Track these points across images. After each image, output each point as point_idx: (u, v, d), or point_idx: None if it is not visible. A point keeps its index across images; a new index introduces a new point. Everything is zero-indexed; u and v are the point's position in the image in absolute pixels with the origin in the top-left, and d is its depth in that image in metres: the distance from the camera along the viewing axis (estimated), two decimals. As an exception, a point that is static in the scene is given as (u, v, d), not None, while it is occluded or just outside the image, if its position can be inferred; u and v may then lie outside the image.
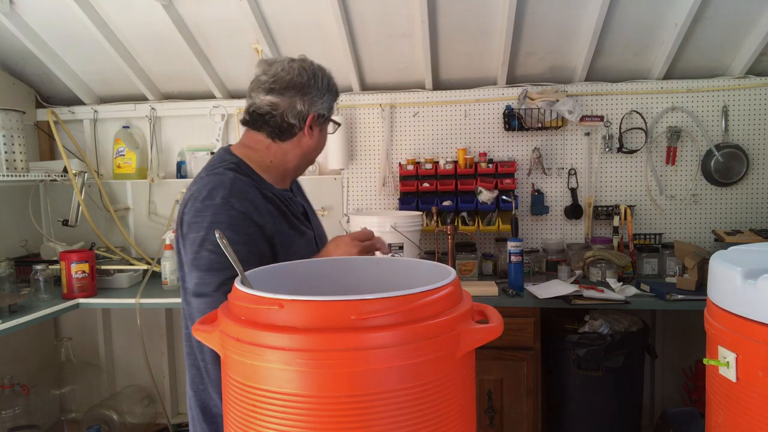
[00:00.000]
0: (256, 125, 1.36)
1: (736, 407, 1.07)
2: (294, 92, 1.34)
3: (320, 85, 1.38)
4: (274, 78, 1.33)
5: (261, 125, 1.36)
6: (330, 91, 1.41)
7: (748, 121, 2.84)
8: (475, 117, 3.01)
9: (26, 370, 3.02)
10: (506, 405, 2.43)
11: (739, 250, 1.27)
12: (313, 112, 1.36)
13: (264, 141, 1.37)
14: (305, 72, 1.37)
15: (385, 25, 2.67)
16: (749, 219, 2.87)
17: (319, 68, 1.41)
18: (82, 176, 2.97)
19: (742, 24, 2.58)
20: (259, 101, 1.34)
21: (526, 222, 3.02)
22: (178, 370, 3.35)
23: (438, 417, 0.79)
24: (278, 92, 1.33)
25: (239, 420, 0.80)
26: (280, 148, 1.37)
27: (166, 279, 2.65)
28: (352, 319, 0.75)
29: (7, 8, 2.59)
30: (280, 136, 1.36)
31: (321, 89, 1.38)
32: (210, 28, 2.74)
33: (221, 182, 1.25)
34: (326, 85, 1.40)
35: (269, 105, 1.34)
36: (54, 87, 3.23)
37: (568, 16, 2.58)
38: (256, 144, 1.38)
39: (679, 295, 2.29)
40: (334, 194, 3.11)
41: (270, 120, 1.34)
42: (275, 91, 1.33)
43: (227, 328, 0.82)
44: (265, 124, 1.35)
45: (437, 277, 0.88)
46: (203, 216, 1.21)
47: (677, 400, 2.90)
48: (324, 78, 1.40)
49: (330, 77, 1.43)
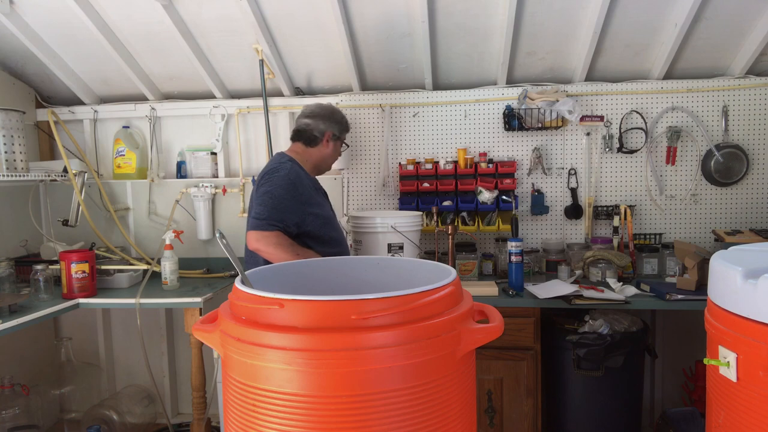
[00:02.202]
0: (298, 138, 2.30)
1: (736, 407, 1.07)
2: (319, 118, 2.29)
3: (336, 117, 2.33)
4: (311, 110, 2.32)
5: (299, 137, 2.30)
6: (341, 123, 2.33)
7: (748, 121, 2.84)
8: (475, 117, 3.01)
9: (26, 370, 3.02)
10: (506, 405, 2.43)
11: (739, 250, 1.27)
12: (329, 131, 2.29)
13: (301, 147, 2.30)
14: (328, 108, 2.33)
15: (385, 25, 2.67)
16: (749, 219, 2.87)
17: (338, 110, 2.36)
18: (82, 176, 2.97)
19: (742, 24, 2.58)
20: (299, 123, 2.31)
21: (526, 222, 3.02)
22: (178, 370, 3.35)
23: (438, 417, 0.79)
24: (310, 116, 2.29)
25: (239, 419, 0.80)
26: (309, 151, 2.29)
27: (166, 279, 2.65)
28: (353, 319, 0.75)
29: (7, 8, 2.59)
30: (309, 143, 2.29)
31: (336, 119, 2.32)
32: (210, 28, 2.74)
33: (284, 166, 2.14)
34: (340, 118, 2.34)
35: (305, 124, 2.29)
36: (54, 87, 3.23)
37: (568, 16, 2.58)
38: (297, 149, 2.29)
39: (679, 295, 2.29)
40: (334, 194, 3.10)
41: (304, 133, 2.29)
42: (309, 116, 2.30)
43: (228, 327, 0.82)
44: (301, 137, 2.29)
45: (437, 277, 0.88)
46: (272, 179, 2.08)
47: (677, 400, 2.90)
48: (339, 114, 2.34)
49: (343, 116, 2.36)
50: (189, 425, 2.82)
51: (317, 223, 2.14)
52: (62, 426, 3.04)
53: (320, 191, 2.28)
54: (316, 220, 2.13)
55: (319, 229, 2.14)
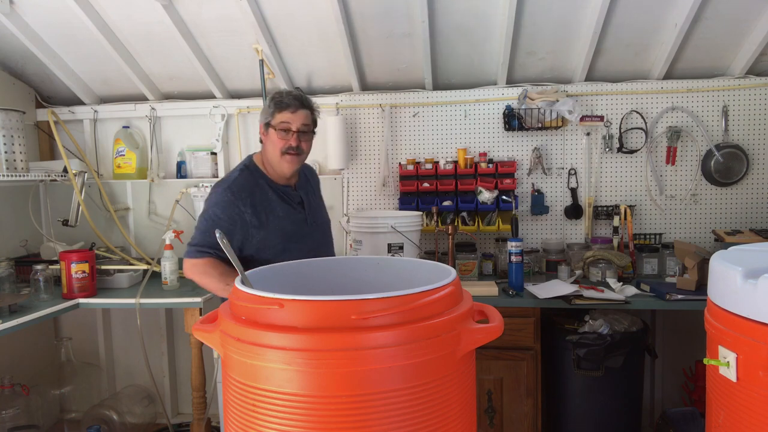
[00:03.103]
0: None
1: (736, 407, 1.07)
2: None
3: (266, 104, 1.96)
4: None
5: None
6: (267, 107, 1.94)
7: (748, 121, 2.83)
8: (475, 117, 3.01)
9: (26, 370, 3.02)
10: (506, 405, 2.43)
11: (739, 250, 1.27)
12: (260, 123, 1.96)
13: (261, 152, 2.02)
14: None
15: (385, 25, 2.67)
16: (749, 219, 2.87)
17: (274, 95, 1.95)
18: (82, 176, 2.97)
19: (742, 24, 2.57)
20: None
21: (526, 222, 3.02)
22: (178, 370, 3.35)
23: (438, 417, 0.79)
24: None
25: (239, 419, 0.80)
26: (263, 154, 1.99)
27: (166, 279, 2.65)
28: (353, 319, 0.75)
29: (7, 8, 2.59)
30: (262, 145, 2.00)
31: (264, 107, 1.96)
32: (210, 28, 2.74)
33: (232, 175, 1.94)
34: (268, 102, 1.94)
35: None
36: (54, 87, 3.23)
37: (568, 16, 2.58)
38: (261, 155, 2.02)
39: (679, 295, 2.29)
40: (334, 194, 3.10)
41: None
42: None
43: (228, 327, 0.82)
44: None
45: (437, 277, 0.88)
46: (213, 194, 1.89)
47: (677, 400, 2.90)
48: (270, 99, 1.95)
49: (273, 97, 1.94)
50: (189, 425, 2.82)
51: (262, 246, 1.88)
52: (62, 426, 3.04)
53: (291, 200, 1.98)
54: (261, 242, 1.88)
55: (260, 253, 1.87)
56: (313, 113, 1.97)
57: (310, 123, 1.96)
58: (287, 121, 1.89)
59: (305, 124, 1.93)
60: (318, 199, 2.17)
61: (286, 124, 1.89)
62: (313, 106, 1.99)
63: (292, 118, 1.89)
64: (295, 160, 1.92)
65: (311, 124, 1.97)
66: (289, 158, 1.90)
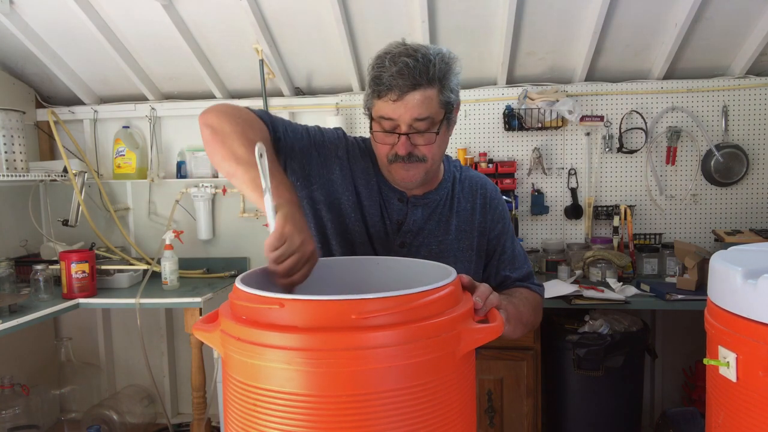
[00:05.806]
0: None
1: (736, 407, 1.07)
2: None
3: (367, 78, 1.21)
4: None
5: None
6: (370, 81, 1.19)
7: (748, 121, 2.84)
8: (475, 117, 3.01)
9: (26, 370, 3.02)
10: (506, 405, 2.43)
11: (739, 250, 1.27)
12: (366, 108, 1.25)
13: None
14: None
15: (385, 25, 2.67)
16: (749, 219, 2.87)
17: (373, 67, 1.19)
18: (82, 176, 2.97)
19: (742, 24, 2.57)
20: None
21: (526, 222, 3.02)
22: (178, 370, 3.35)
23: (438, 417, 0.79)
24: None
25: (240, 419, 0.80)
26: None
27: (166, 279, 2.65)
28: (353, 319, 0.75)
29: (7, 8, 2.59)
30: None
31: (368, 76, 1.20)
32: (210, 28, 2.74)
33: (355, 137, 1.37)
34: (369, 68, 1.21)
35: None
36: (54, 87, 3.23)
37: (568, 16, 2.58)
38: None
39: (679, 295, 2.29)
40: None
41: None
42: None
43: (228, 327, 0.82)
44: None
45: (437, 277, 0.88)
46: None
47: (677, 400, 2.90)
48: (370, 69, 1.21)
49: (372, 71, 1.18)
50: (189, 425, 2.82)
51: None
52: (62, 426, 3.04)
53: (387, 206, 1.29)
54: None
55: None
56: (441, 92, 1.18)
57: (434, 112, 1.16)
58: (389, 116, 1.15)
59: (423, 118, 1.15)
60: (459, 239, 1.32)
61: (390, 122, 1.16)
62: (442, 77, 1.20)
63: (398, 110, 1.14)
64: (411, 170, 1.21)
65: (437, 114, 1.17)
66: (401, 169, 1.21)
